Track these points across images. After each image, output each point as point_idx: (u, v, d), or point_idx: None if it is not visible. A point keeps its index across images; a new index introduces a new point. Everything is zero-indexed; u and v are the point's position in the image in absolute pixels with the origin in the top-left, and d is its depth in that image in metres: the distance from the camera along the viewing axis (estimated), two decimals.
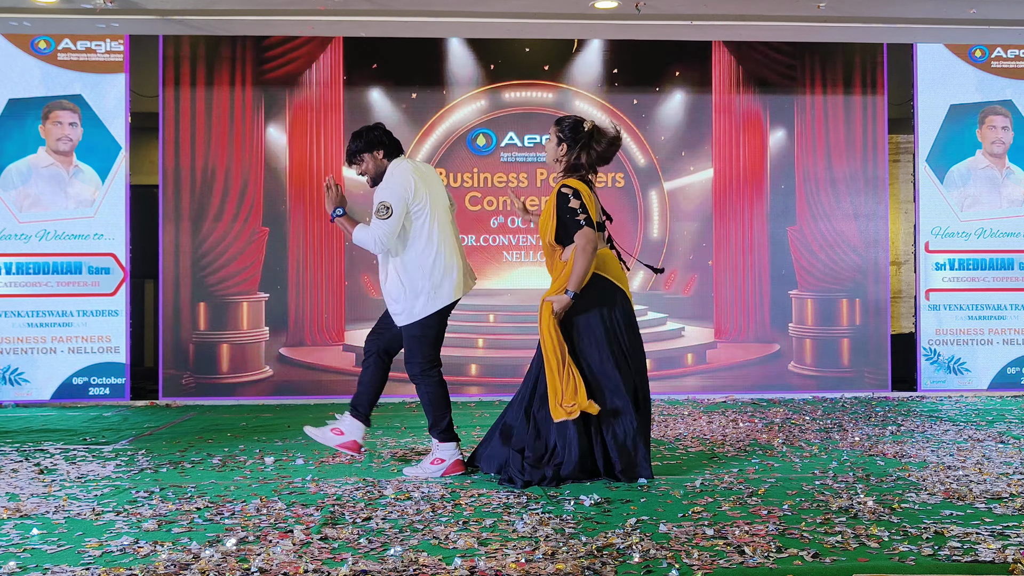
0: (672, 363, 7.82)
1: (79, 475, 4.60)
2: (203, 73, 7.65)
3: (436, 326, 4.60)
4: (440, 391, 4.60)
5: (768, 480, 4.40)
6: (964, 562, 3.06)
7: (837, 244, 7.92)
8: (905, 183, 8.49)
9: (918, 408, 6.95)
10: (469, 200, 7.80)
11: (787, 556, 3.13)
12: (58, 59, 7.47)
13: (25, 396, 7.36)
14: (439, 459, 4.59)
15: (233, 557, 3.16)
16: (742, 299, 7.89)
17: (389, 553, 3.20)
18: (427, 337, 4.57)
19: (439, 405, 4.59)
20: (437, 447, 4.60)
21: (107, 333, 7.43)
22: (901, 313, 8.48)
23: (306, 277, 7.66)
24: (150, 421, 6.50)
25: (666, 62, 7.90)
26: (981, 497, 3.96)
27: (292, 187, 7.67)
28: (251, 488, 4.30)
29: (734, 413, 6.67)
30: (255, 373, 7.60)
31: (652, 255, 7.86)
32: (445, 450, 4.60)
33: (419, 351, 4.57)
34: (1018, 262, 7.90)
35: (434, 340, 4.61)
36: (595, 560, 3.10)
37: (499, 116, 7.76)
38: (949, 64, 7.92)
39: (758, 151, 7.95)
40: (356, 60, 7.74)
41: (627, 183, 7.87)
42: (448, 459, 4.58)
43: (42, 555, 3.24)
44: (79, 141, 7.47)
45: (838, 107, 7.95)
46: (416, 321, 4.55)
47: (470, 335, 7.70)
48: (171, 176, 7.60)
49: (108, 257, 7.44)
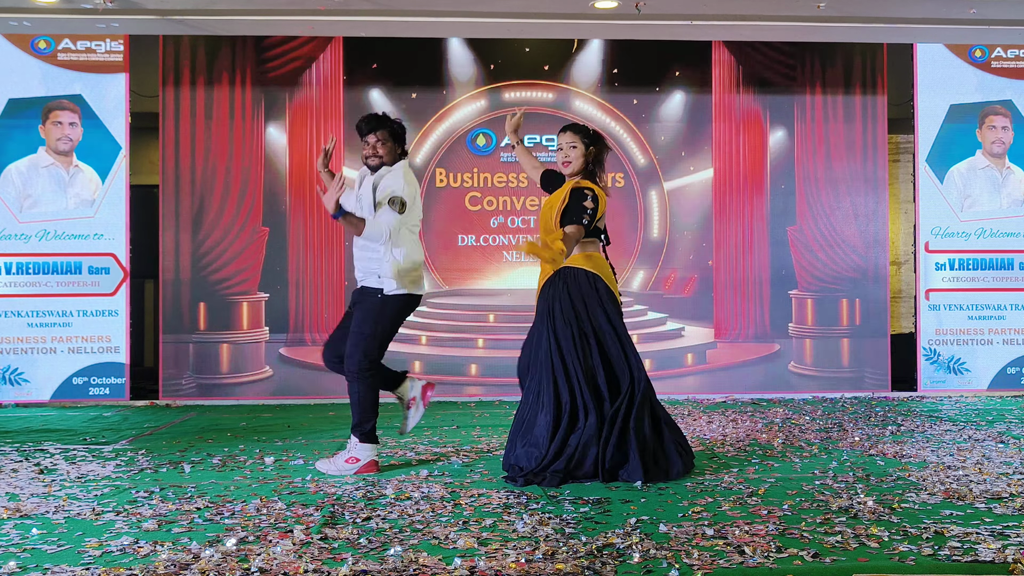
0: (672, 363, 7.82)
1: (79, 475, 4.60)
2: (203, 73, 7.65)
3: (396, 319, 4.67)
4: (372, 394, 4.63)
5: (768, 480, 4.39)
6: (964, 562, 3.06)
7: (837, 244, 7.92)
8: (905, 183, 8.49)
9: (918, 408, 6.95)
10: (469, 200, 7.80)
11: (787, 556, 3.13)
12: (58, 59, 7.47)
13: (25, 396, 7.36)
14: (355, 458, 4.63)
15: (233, 557, 3.16)
16: (742, 299, 7.89)
17: (389, 553, 3.20)
18: (381, 333, 4.61)
19: (368, 408, 4.63)
20: (356, 446, 4.64)
21: (107, 333, 7.43)
22: (901, 313, 8.48)
23: (306, 277, 7.66)
24: (150, 421, 6.50)
25: (666, 62, 7.90)
26: (981, 497, 3.96)
27: (292, 187, 7.67)
28: (251, 488, 4.30)
29: (734, 413, 6.67)
30: (255, 373, 7.60)
31: (652, 255, 7.87)
32: (363, 450, 4.64)
33: (365, 346, 4.59)
34: (1018, 262, 7.90)
35: (384, 338, 4.66)
36: (595, 560, 3.10)
37: (499, 116, 7.76)
38: (949, 64, 7.92)
39: (758, 151, 7.95)
40: (356, 60, 7.74)
41: (627, 183, 7.87)
42: (363, 459, 4.63)
43: (42, 555, 3.24)
44: (79, 141, 7.47)
45: (838, 107, 7.95)
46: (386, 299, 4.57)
47: (470, 335, 7.71)
48: (171, 176, 7.60)
49: (108, 257, 7.44)
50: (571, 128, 4.63)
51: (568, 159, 4.58)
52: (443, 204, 7.79)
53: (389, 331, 4.68)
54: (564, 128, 4.66)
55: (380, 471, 4.67)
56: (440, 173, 7.79)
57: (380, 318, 4.61)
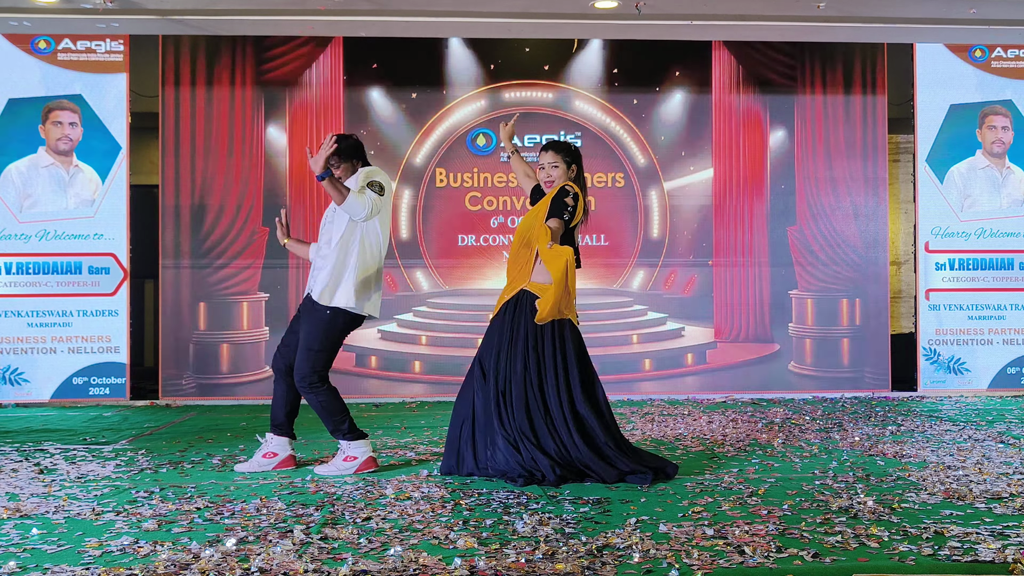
0: (672, 363, 7.82)
1: (79, 475, 4.60)
2: (203, 73, 7.65)
3: (338, 336, 4.62)
4: (332, 398, 4.60)
5: (768, 480, 4.39)
6: (964, 562, 3.06)
7: (837, 244, 7.92)
8: (905, 183, 8.49)
9: (918, 408, 6.95)
10: (469, 200, 7.80)
11: (787, 556, 3.13)
12: (58, 59, 7.47)
13: (25, 396, 7.36)
14: (351, 457, 4.62)
15: (233, 557, 3.16)
16: (742, 299, 7.89)
17: (389, 553, 3.19)
18: (327, 347, 4.57)
19: (335, 410, 4.60)
20: (348, 446, 4.63)
21: (107, 333, 7.43)
22: (901, 313, 8.47)
23: (306, 277, 7.62)
24: (150, 421, 6.50)
25: (666, 62, 7.90)
26: (981, 497, 3.96)
27: (292, 187, 7.67)
28: (251, 488, 4.30)
29: (734, 413, 6.67)
30: (255, 373, 7.60)
31: (652, 255, 7.87)
32: (356, 448, 4.63)
33: (314, 361, 4.54)
34: (1018, 262, 7.90)
35: (331, 351, 4.61)
36: (595, 560, 3.10)
37: (499, 116, 7.76)
38: (949, 64, 7.92)
39: (758, 151, 7.95)
40: (356, 60, 7.74)
41: (627, 183, 7.87)
42: (360, 456, 4.63)
43: (42, 555, 3.24)
44: (79, 141, 7.47)
45: (838, 107, 7.95)
46: (331, 313, 4.53)
47: (470, 335, 7.70)
48: (171, 176, 7.60)
49: (108, 257, 7.44)
50: (552, 147, 4.64)
51: (551, 179, 4.61)
52: (443, 204, 7.79)
53: (336, 345, 4.65)
54: (546, 147, 4.65)
55: (379, 468, 4.68)
56: (440, 173, 7.79)
57: (329, 332, 4.58)
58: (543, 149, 4.65)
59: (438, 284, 7.72)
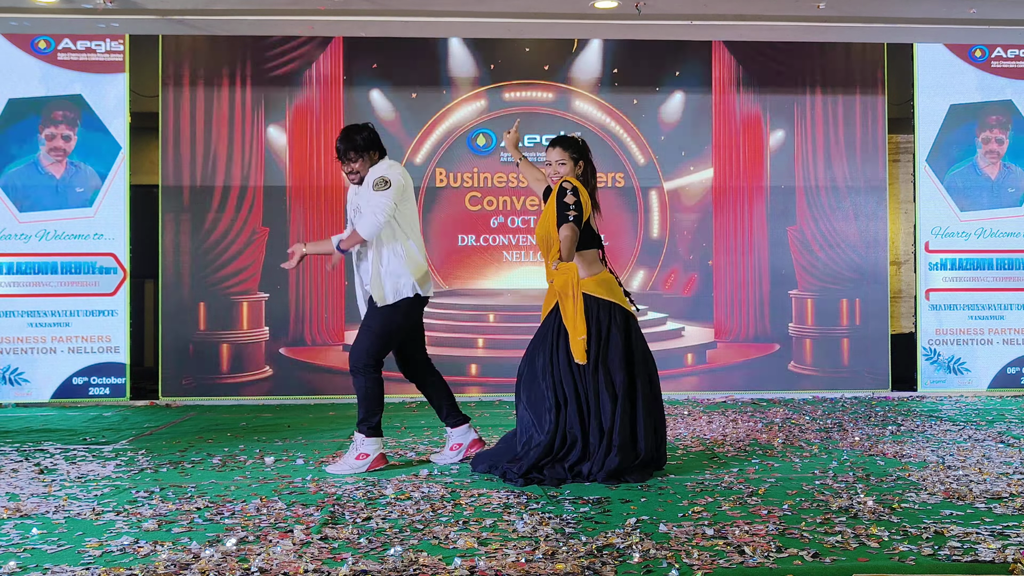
0: (672, 363, 7.82)
1: (79, 475, 4.60)
2: (203, 73, 7.65)
3: (402, 321, 4.69)
4: (378, 388, 4.68)
5: (768, 480, 4.40)
6: (964, 562, 3.06)
7: (837, 244, 7.92)
8: (905, 183, 8.49)
9: (918, 408, 6.95)
10: (469, 200, 7.80)
11: (787, 556, 3.13)
12: (58, 59, 7.47)
13: (25, 396, 7.36)
14: (364, 454, 4.66)
15: (233, 557, 3.16)
16: (742, 299, 7.89)
17: (389, 553, 3.20)
18: (386, 333, 4.66)
19: (374, 401, 4.67)
20: (363, 442, 4.67)
21: (107, 333, 7.43)
22: (901, 313, 8.47)
23: (306, 277, 7.66)
24: (150, 421, 6.50)
25: (666, 62, 7.90)
26: (981, 497, 3.96)
27: (292, 187, 7.67)
28: (251, 488, 4.30)
29: (734, 413, 6.67)
30: (255, 373, 7.60)
31: (652, 255, 7.87)
32: (371, 445, 4.67)
33: (369, 343, 4.64)
34: (1018, 262, 7.90)
35: (389, 339, 4.69)
36: (595, 560, 3.10)
37: (499, 116, 7.76)
38: (949, 64, 7.92)
39: (758, 151, 7.94)
40: (356, 60, 7.74)
41: (627, 183, 7.87)
42: (373, 454, 4.67)
43: (42, 555, 3.24)
44: (79, 141, 7.47)
45: (838, 107, 7.95)
46: (391, 304, 4.64)
47: (470, 335, 7.71)
48: (171, 176, 7.60)
49: (108, 257, 7.44)
50: (559, 144, 4.60)
51: (559, 176, 4.59)
52: (443, 204, 7.79)
53: (397, 332, 4.72)
54: (553, 143, 4.61)
55: (379, 468, 4.69)
56: (440, 173, 7.79)
57: (392, 317, 4.68)
58: (549, 146, 4.63)
59: (438, 284, 7.72)
